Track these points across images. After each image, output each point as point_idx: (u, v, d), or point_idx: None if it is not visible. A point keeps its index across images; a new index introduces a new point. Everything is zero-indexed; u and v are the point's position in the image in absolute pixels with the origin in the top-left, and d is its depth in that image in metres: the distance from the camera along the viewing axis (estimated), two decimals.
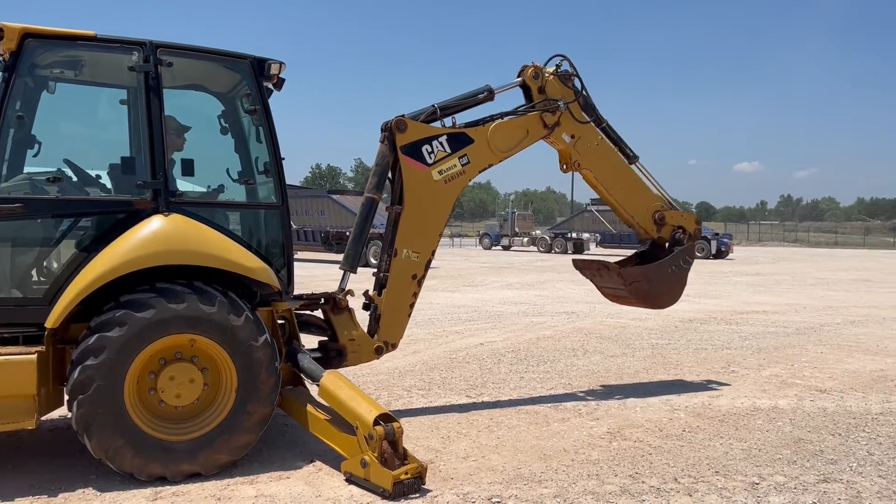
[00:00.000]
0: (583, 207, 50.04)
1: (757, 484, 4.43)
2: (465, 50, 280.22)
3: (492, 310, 13.40)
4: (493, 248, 49.65)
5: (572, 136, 6.29)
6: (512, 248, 48.36)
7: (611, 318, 12.22)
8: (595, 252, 44.84)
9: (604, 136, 6.55)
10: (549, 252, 44.47)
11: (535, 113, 6.13)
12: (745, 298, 16.19)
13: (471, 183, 6.31)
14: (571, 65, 6.27)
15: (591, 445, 5.18)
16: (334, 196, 29.59)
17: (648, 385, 7.18)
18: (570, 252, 43.32)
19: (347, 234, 5.76)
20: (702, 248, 38.86)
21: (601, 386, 7.13)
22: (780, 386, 7.19)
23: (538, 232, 49.60)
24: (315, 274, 20.56)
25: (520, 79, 6.17)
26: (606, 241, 45.27)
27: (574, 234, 44.96)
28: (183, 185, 5.18)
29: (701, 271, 27.05)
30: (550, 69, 6.26)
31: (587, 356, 8.75)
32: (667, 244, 6.92)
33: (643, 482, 4.44)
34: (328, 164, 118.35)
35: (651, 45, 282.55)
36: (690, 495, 4.24)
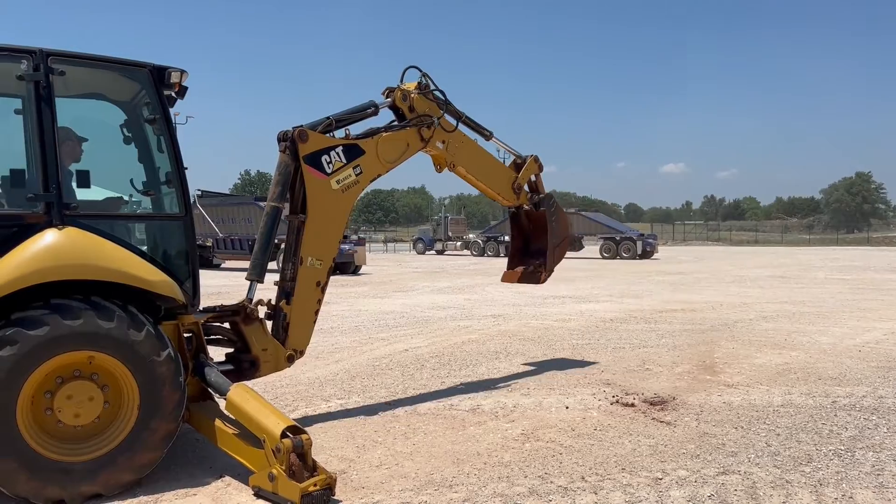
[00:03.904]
0: None
1: (660, 479, 4.59)
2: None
3: (420, 315, 13.44)
4: (427, 252, 49.80)
5: (443, 142, 6.86)
6: (445, 253, 48.64)
7: (535, 321, 12.42)
8: None
9: (463, 133, 7.14)
10: (482, 255, 44.91)
11: (415, 128, 6.56)
12: (666, 297, 16.70)
13: (405, 188, 6.58)
14: (425, 76, 6.69)
15: (504, 448, 5.26)
16: (261, 203, 29.07)
17: (565, 386, 7.32)
18: (502, 255, 43.85)
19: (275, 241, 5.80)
20: (628, 249, 40.11)
21: (520, 388, 7.23)
22: (690, 382, 7.45)
23: (471, 236, 50.05)
24: (244, 284, 20.17)
25: (389, 100, 6.48)
26: None
27: (506, 238, 45.46)
28: (97, 194, 5.04)
29: (626, 271, 27.81)
30: (412, 85, 6.62)
31: (509, 359, 8.87)
32: (525, 206, 8.00)
33: (552, 482, 4.54)
34: (258, 171, 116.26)
35: (579, 43, 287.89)
36: (596, 493, 4.35)
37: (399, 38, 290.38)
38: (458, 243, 48.60)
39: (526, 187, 7.92)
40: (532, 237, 8.20)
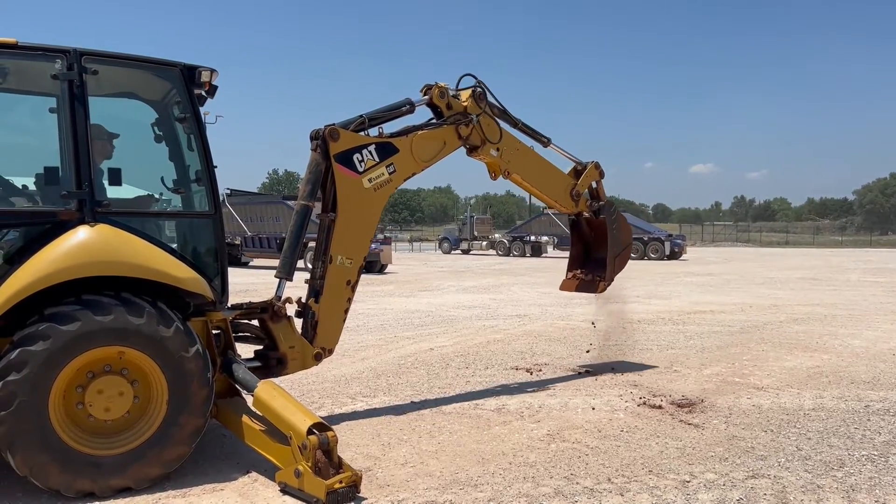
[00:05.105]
0: (540, 211, 50.50)
1: (688, 482, 4.53)
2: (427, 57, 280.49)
3: (445, 314, 13.44)
4: (453, 252, 49.78)
5: (497, 150, 6.80)
6: (471, 252, 48.58)
7: (561, 321, 12.35)
8: (552, 254, 45.34)
9: (519, 140, 7.10)
10: (507, 255, 44.79)
11: (452, 126, 6.47)
12: (694, 298, 16.51)
13: (431, 187, 6.53)
14: (480, 83, 6.65)
15: (529, 448, 5.23)
16: (289, 202, 29.29)
17: (591, 387, 7.27)
18: (528, 255, 43.74)
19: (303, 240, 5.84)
20: (656, 250, 39.71)
21: (545, 388, 7.20)
22: (719, 384, 7.35)
23: (497, 236, 49.96)
24: (272, 282, 20.35)
25: (427, 97, 6.42)
26: (563, 243, 45.70)
27: (532, 238, 45.39)
28: (127, 192, 5.12)
29: (654, 272, 27.53)
30: (466, 91, 6.58)
31: (534, 359, 8.82)
32: (585, 213, 7.89)
33: (577, 483, 4.50)
34: (285, 170, 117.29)
35: (607, 46, 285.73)
36: (622, 495, 4.31)
37: (433, 38, 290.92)
38: (484, 243, 48.51)
39: (586, 193, 7.78)
40: (593, 245, 8.10)
